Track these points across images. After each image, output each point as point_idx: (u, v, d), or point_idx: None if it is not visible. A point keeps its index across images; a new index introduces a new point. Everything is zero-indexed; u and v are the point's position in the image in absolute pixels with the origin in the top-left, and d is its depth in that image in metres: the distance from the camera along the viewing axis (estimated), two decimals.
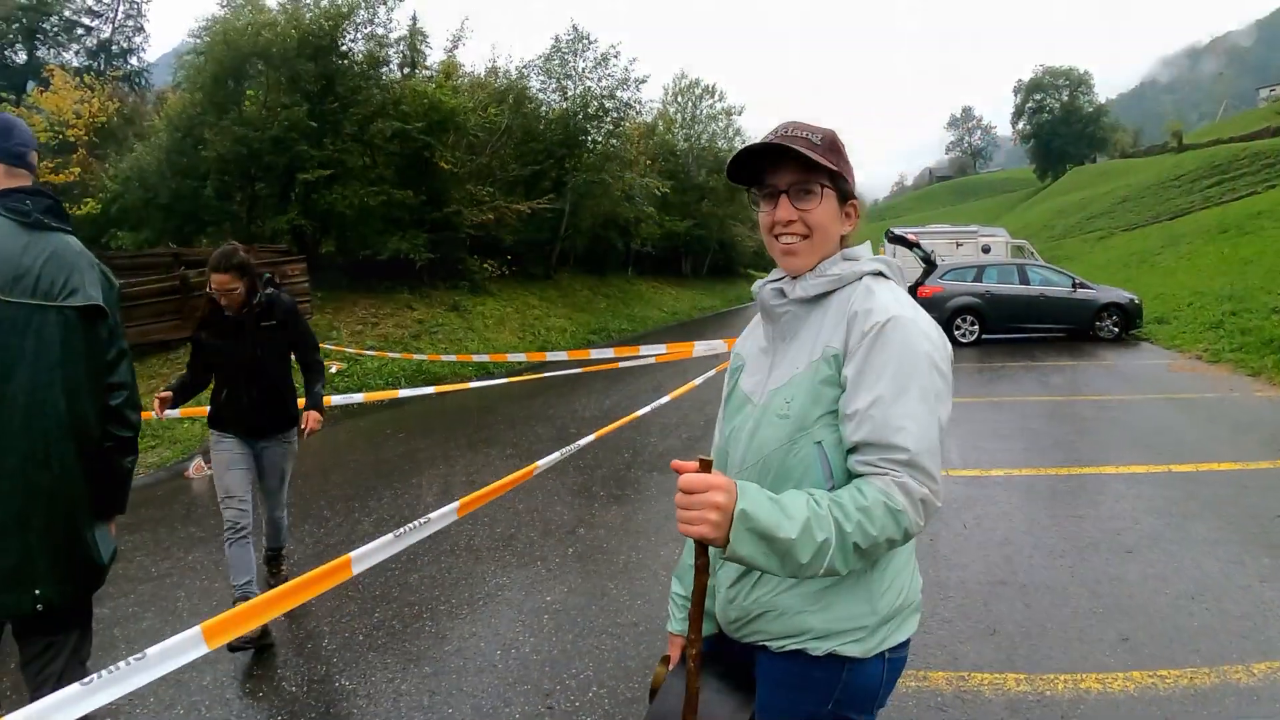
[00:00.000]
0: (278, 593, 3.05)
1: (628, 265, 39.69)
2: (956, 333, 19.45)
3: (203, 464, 10.10)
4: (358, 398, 9.54)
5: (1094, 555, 6.12)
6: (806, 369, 1.92)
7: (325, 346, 16.40)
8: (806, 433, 1.88)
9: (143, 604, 6.21)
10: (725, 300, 45.54)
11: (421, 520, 3.76)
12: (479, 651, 5.02)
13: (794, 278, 2.05)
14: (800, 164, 1.96)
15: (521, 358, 13.46)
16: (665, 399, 8.21)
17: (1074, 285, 19.53)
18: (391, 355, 15.79)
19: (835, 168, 1.97)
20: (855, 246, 2.09)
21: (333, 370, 15.62)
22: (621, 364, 10.22)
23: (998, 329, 19.69)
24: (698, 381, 8.98)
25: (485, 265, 26.70)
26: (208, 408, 5.86)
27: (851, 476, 1.82)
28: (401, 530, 3.60)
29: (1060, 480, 8.13)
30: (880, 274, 2.02)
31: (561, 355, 11.12)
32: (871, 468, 1.75)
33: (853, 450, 1.80)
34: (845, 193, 2.05)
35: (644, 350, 10.46)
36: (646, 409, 7.83)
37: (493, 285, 26.71)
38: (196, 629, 2.82)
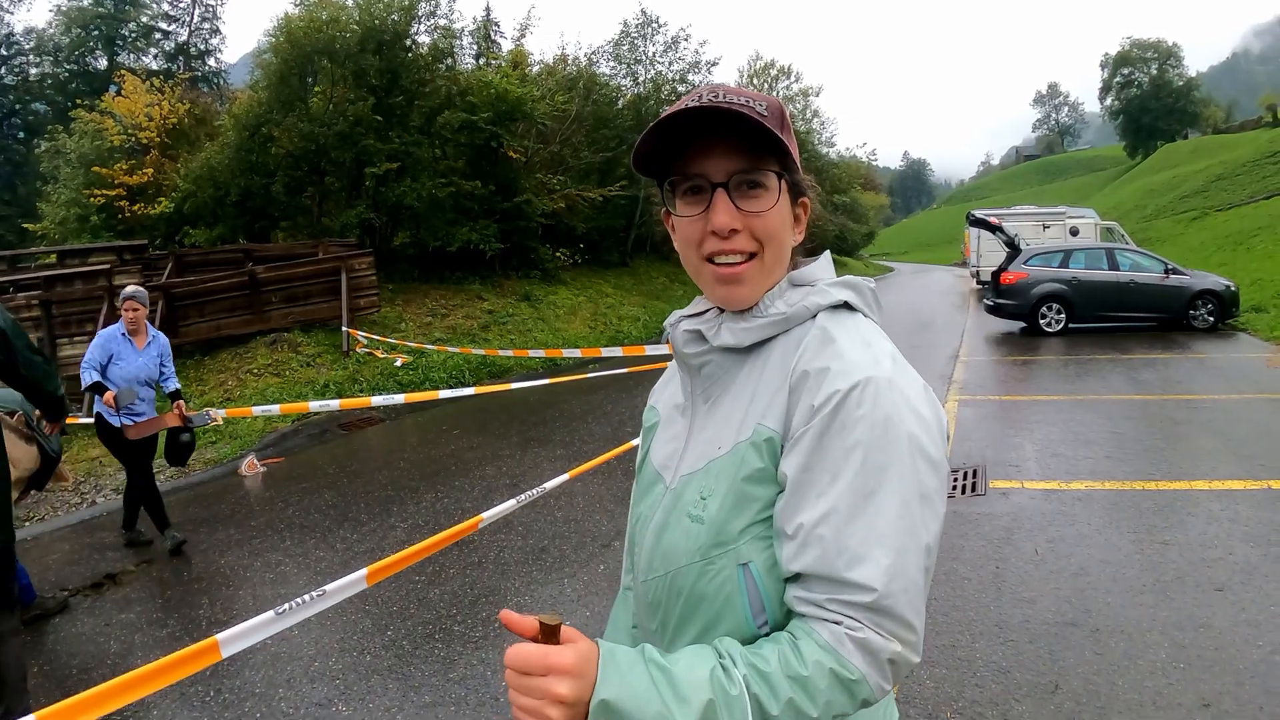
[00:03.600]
0: (129, 678, 2.78)
1: None
2: (1042, 321, 18.60)
3: (255, 461, 10.16)
4: (398, 399, 9.43)
5: (1179, 593, 5.41)
6: (730, 453, 1.35)
7: (389, 339, 16.64)
8: (727, 550, 1.30)
9: (166, 611, 6.19)
10: None
11: (316, 593, 3.45)
12: (484, 683, 4.83)
13: (720, 312, 1.47)
14: (742, 144, 1.36)
15: (576, 353, 13.24)
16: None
17: (1166, 271, 18.47)
18: (451, 350, 15.72)
19: (790, 150, 1.39)
20: (807, 264, 1.49)
21: (397, 364, 15.75)
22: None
23: (1085, 318, 18.72)
24: None
25: (558, 254, 26.69)
26: (254, 408, 5.83)
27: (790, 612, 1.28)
28: (285, 608, 3.30)
29: (1146, 496, 7.40)
30: (846, 305, 1.42)
31: (616, 352, 10.88)
32: (818, 609, 1.21)
33: (792, 580, 1.26)
34: (798, 187, 1.46)
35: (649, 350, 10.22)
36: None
37: (565, 274, 26.62)
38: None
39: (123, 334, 7.16)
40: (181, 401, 7.58)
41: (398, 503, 8.38)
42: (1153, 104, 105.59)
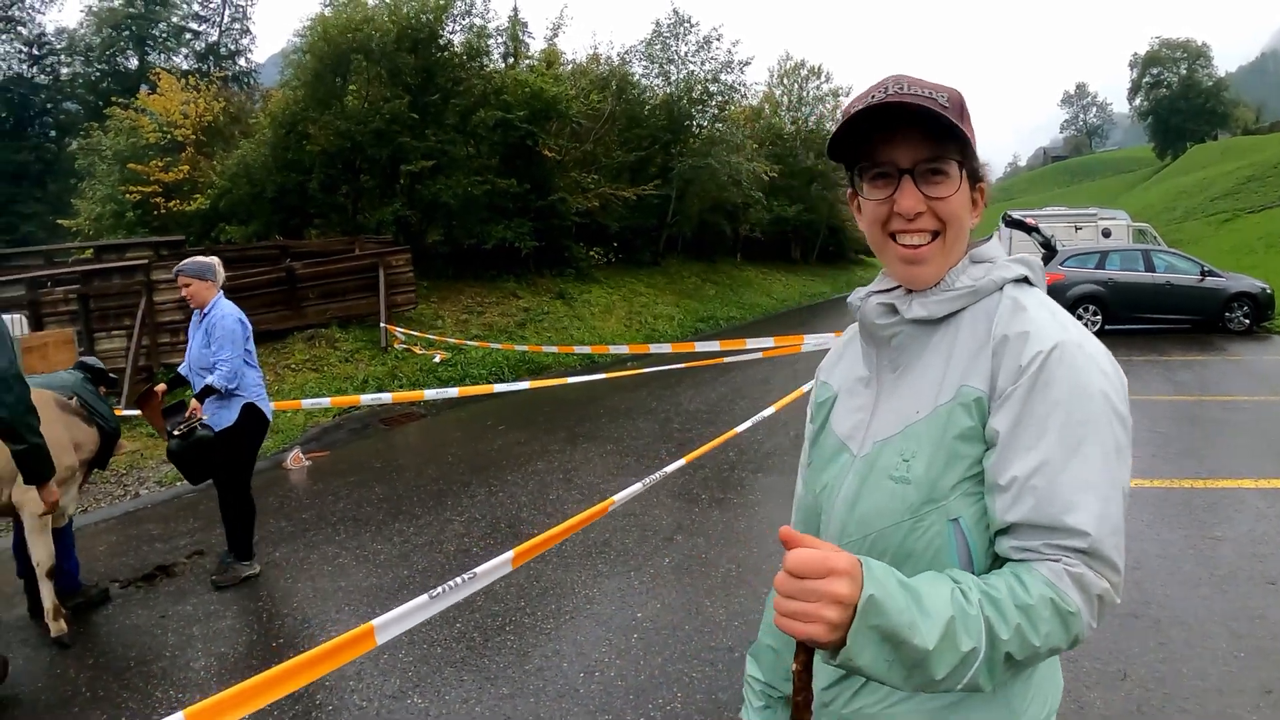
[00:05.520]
0: (291, 666, 2.66)
1: (736, 251, 39.08)
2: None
3: (300, 455, 10.05)
4: (452, 392, 9.31)
5: (1233, 586, 5.52)
6: (931, 416, 1.42)
7: (427, 335, 16.56)
8: (937, 506, 1.38)
9: (224, 602, 6.06)
10: (835, 286, 44.51)
11: (467, 576, 3.37)
12: (561, 673, 4.70)
13: (909, 291, 1.52)
14: (927, 133, 1.43)
15: (624, 349, 13.07)
16: (769, 410, 7.59)
17: (1202, 273, 18.20)
18: (493, 345, 15.62)
19: (970, 139, 1.46)
20: (982, 244, 1.57)
21: (436, 360, 15.67)
22: (728, 359, 9.76)
23: (1121, 319, 18.37)
24: (806, 388, 8.40)
25: (591, 252, 26.67)
26: (302, 401, 5.66)
27: (997, 563, 1.36)
28: (438, 591, 3.22)
29: (1194, 494, 7.41)
30: (1025, 280, 1.53)
31: (665, 348, 10.70)
32: (1035, 554, 1.29)
33: (1005, 532, 1.33)
34: (976, 174, 1.52)
35: (750, 344, 9.97)
36: (744, 425, 7.27)
37: (599, 272, 26.56)
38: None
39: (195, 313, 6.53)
40: (198, 404, 6.24)
41: (451, 496, 8.25)
42: (1182, 104, 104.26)
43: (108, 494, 9.46)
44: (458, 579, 3.30)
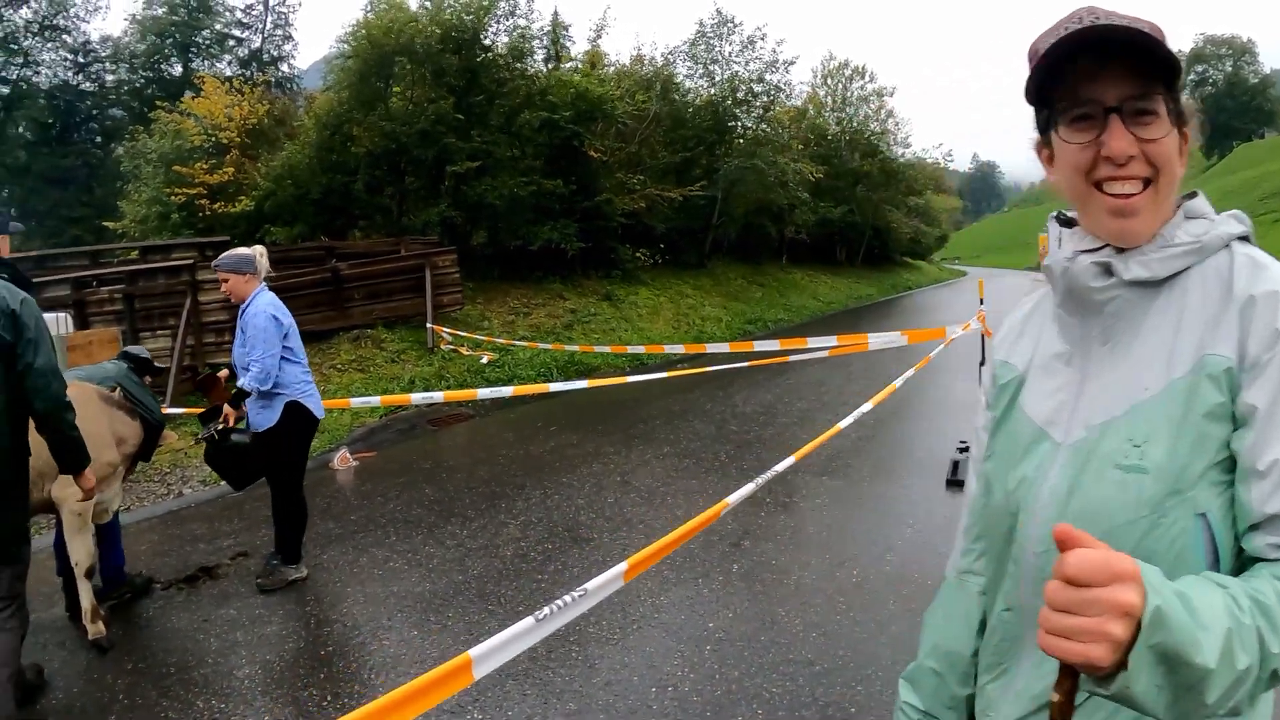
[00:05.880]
0: (372, 709, 2.22)
1: (781, 253, 38.59)
2: None
3: (348, 455, 9.80)
4: (506, 391, 9.00)
5: None
6: (1166, 391, 1.22)
7: (475, 336, 16.35)
8: (1183, 498, 1.17)
9: (270, 607, 5.76)
10: (881, 289, 44.05)
11: (577, 594, 3.03)
12: (631, 688, 4.37)
13: (1120, 250, 1.31)
14: (1135, 67, 1.24)
15: (679, 349, 12.72)
16: (868, 406, 7.13)
17: None
18: (543, 346, 15.35)
19: (1179, 73, 1.26)
20: (1191, 198, 1.36)
21: (483, 361, 15.43)
22: (792, 357, 9.33)
23: None
24: (898, 383, 7.94)
25: (638, 254, 26.46)
26: (351, 399, 5.36)
27: (1242, 565, 1.17)
28: (544, 612, 2.85)
29: None
30: (1245, 238, 1.32)
31: (723, 347, 10.29)
32: None
33: (1260, 526, 1.14)
34: (1183, 115, 1.31)
35: (812, 343, 9.58)
36: (849, 419, 6.80)
37: (645, 274, 26.31)
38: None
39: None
40: (231, 408, 5.96)
41: (505, 499, 7.92)
42: (1228, 102, 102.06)
43: (150, 492, 9.21)
44: (566, 598, 2.96)
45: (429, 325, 16.01)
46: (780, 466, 5.05)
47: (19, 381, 3.94)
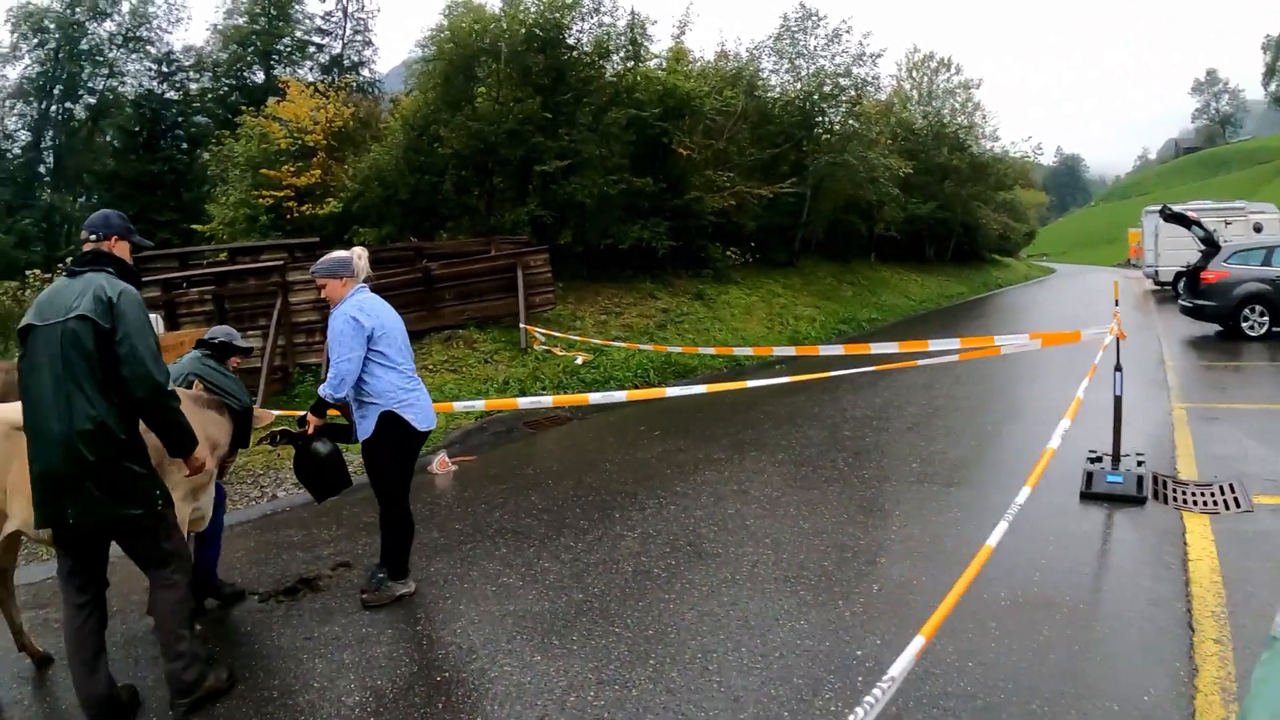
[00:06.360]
0: None
1: (870, 251, 37.89)
2: (1244, 324, 16.59)
3: (447, 460, 9.51)
4: (619, 395, 8.52)
5: None
6: None
7: (569, 336, 16.08)
8: None
9: (377, 624, 5.39)
10: (972, 288, 43.03)
11: (884, 683, 2.63)
12: None
13: None
14: None
15: (790, 351, 12.15)
16: (1065, 423, 6.36)
17: None
18: (642, 347, 14.95)
19: None
20: None
21: (578, 361, 15.10)
22: (921, 362, 8.70)
23: None
24: (1080, 393, 7.11)
25: (728, 252, 26.09)
26: (455, 404, 5.01)
27: None
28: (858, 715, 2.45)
29: None
30: None
31: (837, 349, 9.70)
32: None
33: None
34: None
35: (934, 345, 8.94)
36: (1056, 441, 5.96)
37: (735, 273, 25.86)
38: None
39: None
40: (313, 417, 5.63)
41: (618, 509, 7.47)
42: None
43: (244, 495, 8.95)
44: (876, 691, 2.56)
45: (522, 325, 15.78)
46: (1020, 498, 4.54)
47: (117, 367, 4.11)
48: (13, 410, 4.71)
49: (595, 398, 8.51)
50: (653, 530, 6.77)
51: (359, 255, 5.76)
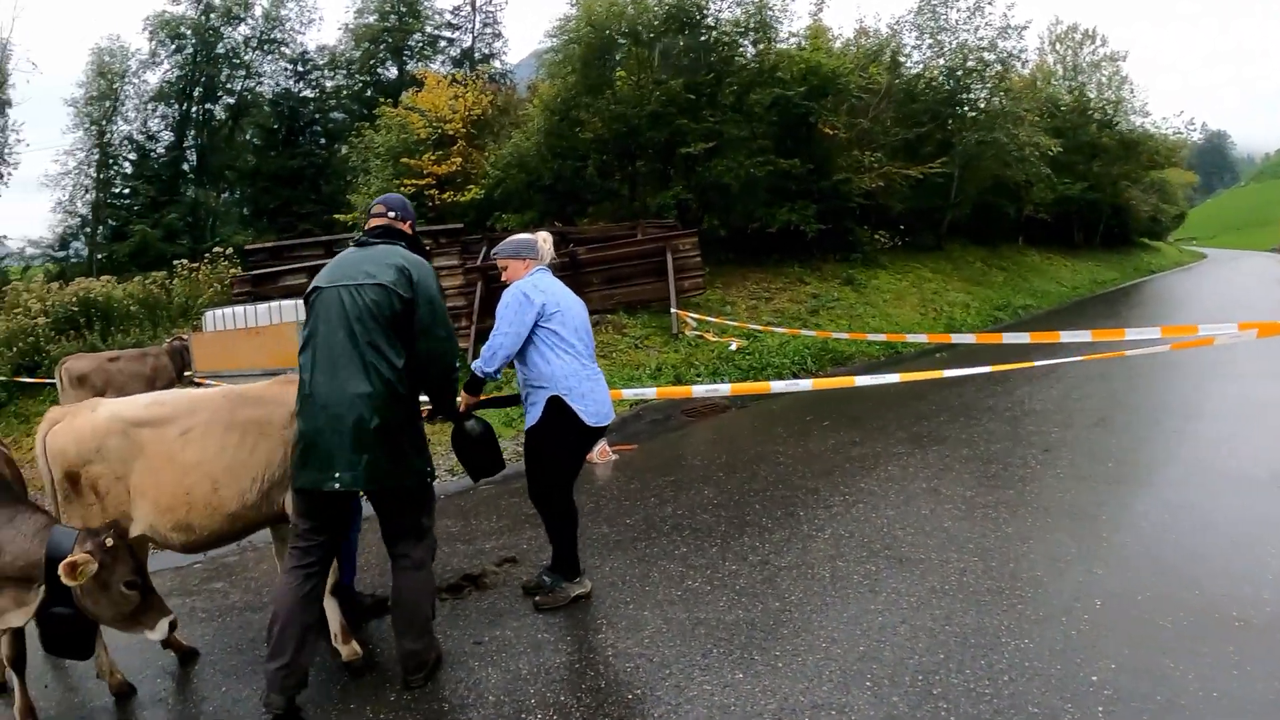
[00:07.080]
0: None
1: (1017, 234, 36.43)
2: None
3: (607, 448, 9.23)
4: (805, 385, 8.06)
5: None
6: None
7: (724, 321, 15.70)
8: None
9: (553, 629, 5.06)
10: (1124, 273, 41.09)
11: None
12: None
13: None
14: None
15: (969, 339, 11.48)
16: None
17: None
18: (806, 333, 14.45)
19: None
20: None
21: (732, 348, 14.66)
22: (1129, 353, 7.98)
23: None
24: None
25: (877, 236, 25.48)
26: (624, 391, 4.74)
27: None
28: None
29: None
30: None
31: (1022, 338, 9.01)
32: None
33: None
34: None
35: (1130, 334, 8.16)
36: None
37: (882, 257, 25.11)
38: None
39: None
40: (467, 395, 5.35)
41: (802, 506, 6.98)
42: None
43: None
44: None
45: (673, 310, 15.47)
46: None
47: (416, 337, 4.35)
48: (130, 405, 4.54)
49: (777, 386, 8.03)
50: (844, 531, 6.27)
51: (544, 239, 5.57)
